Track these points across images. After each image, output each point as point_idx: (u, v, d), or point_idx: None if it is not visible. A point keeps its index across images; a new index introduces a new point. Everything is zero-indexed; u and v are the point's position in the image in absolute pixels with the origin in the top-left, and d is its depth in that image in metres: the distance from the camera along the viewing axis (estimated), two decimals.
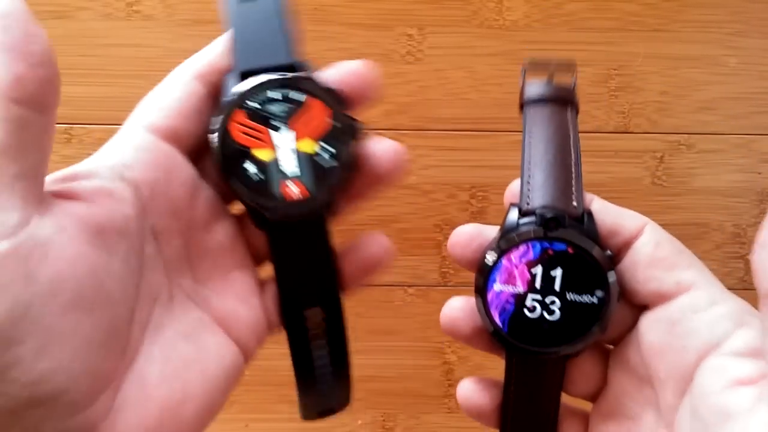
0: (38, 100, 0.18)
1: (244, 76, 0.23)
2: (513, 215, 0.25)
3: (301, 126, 0.23)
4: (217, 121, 0.23)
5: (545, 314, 0.24)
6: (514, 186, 0.26)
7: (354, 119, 0.24)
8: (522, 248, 0.24)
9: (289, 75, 0.24)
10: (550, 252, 0.24)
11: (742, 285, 0.63)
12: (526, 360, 0.25)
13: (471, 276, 0.25)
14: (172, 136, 0.23)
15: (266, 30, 0.24)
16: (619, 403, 0.25)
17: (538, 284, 0.24)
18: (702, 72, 0.63)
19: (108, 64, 0.62)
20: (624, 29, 0.63)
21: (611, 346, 0.26)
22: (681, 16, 0.63)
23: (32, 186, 0.19)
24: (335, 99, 0.24)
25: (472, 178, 0.62)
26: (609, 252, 0.24)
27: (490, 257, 0.25)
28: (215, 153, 0.23)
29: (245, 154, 0.23)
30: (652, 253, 0.24)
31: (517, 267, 0.24)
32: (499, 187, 0.63)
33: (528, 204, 0.25)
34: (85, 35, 0.62)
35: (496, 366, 0.26)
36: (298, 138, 0.23)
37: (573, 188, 0.25)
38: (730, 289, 0.24)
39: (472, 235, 0.26)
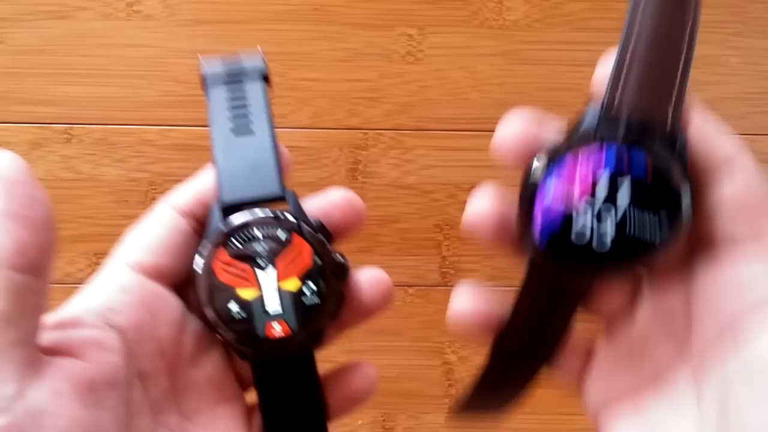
0: (39, 265, 0.19)
1: (229, 208, 0.24)
2: (593, 115, 0.21)
3: (285, 264, 0.23)
4: (200, 261, 0.23)
5: (595, 239, 0.21)
6: (603, 74, 0.22)
7: (338, 256, 0.24)
8: (594, 149, 0.21)
9: (273, 213, 0.23)
10: (625, 161, 0.20)
11: None
12: (555, 271, 0.22)
13: (472, 276, 0.25)
14: (157, 274, 0.23)
15: (255, 162, 0.24)
16: (641, 335, 0.23)
17: (599, 192, 0.21)
18: (702, 72, 0.63)
19: (108, 64, 0.62)
20: None
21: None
22: None
23: (28, 351, 0.19)
24: (319, 236, 0.24)
25: (472, 178, 0.62)
26: (689, 183, 0.21)
27: (550, 153, 0.21)
28: (199, 293, 0.23)
29: (229, 293, 0.23)
30: (737, 198, 0.21)
31: (581, 168, 0.21)
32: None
33: (615, 107, 0.21)
34: (85, 35, 0.62)
35: None
36: (281, 276, 0.23)
37: (673, 95, 0.21)
38: None
39: (531, 121, 0.23)
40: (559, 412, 0.57)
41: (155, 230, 0.24)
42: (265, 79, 0.27)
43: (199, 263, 0.23)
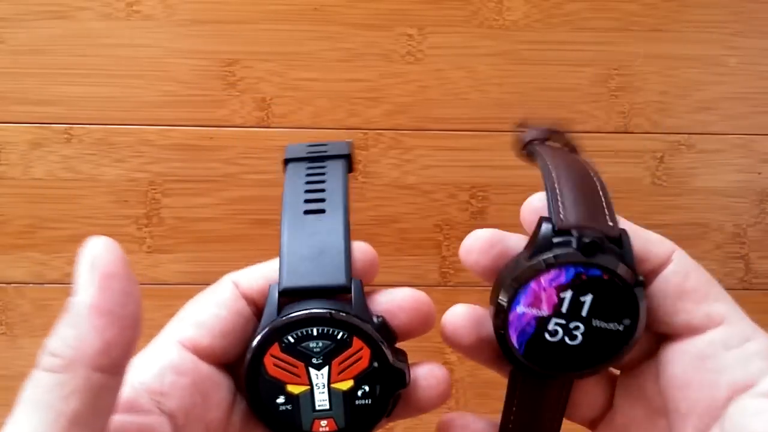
0: (121, 365, 0.18)
1: (288, 292, 0.22)
2: (546, 230, 0.23)
3: (340, 365, 0.22)
4: (251, 351, 0.22)
5: (566, 339, 0.23)
6: (535, 201, 0.24)
7: (398, 361, 0.23)
8: (554, 271, 0.23)
9: (333, 311, 0.22)
10: (584, 277, 0.23)
11: (742, 285, 0.63)
12: (533, 382, 0.24)
13: (472, 276, 0.25)
14: (211, 356, 0.22)
15: (323, 246, 0.23)
16: (624, 429, 0.24)
17: (564, 309, 0.23)
18: (702, 72, 0.63)
19: (108, 64, 0.62)
20: (624, 29, 0.63)
21: (617, 372, 0.25)
22: (681, 16, 0.63)
23: None
24: (380, 338, 0.23)
25: (472, 178, 0.62)
26: (642, 279, 0.23)
27: (516, 281, 0.23)
28: (247, 385, 0.22)
29: (277, 387, 0.22)
30: (681, 283, 0.23)
31: (545, 290, 0.23)
32: (499, 187, 0.63)
33: (562, 220, 0.23)
34: (84, 35, 0.62)
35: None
36: (334, 376, 0.22)
37: (605, 207, 0.24)
38: (729, 289, 0.24)
39: (492, 241, 0.24)
40: None
41: (214, 309, 0.23)
42: (349, 161, 0.26)
43: (249, 354, 0.22)
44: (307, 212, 0.24)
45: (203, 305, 0.23)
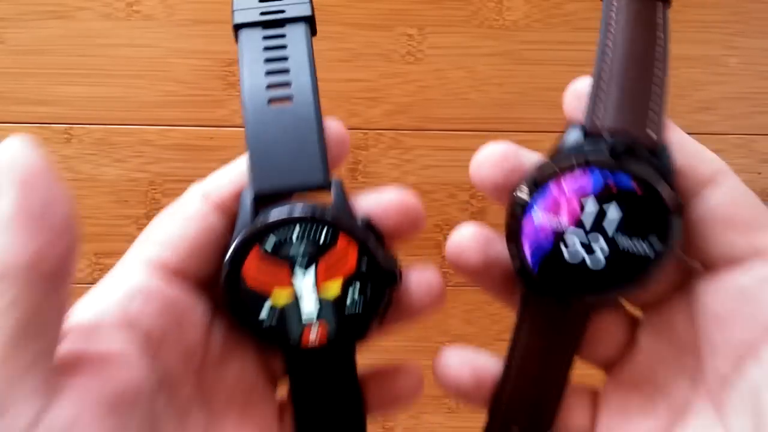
0: (59, 273, 0.16)
1: (264, 198, 0.20)
2: (574, 132, 0.21)
3: (326, 267, 0.20)
4: (229, 261, 0.20)
5: (586, 258, 0.20)
6: (580, 86, 0.22)
7: (386, 261, 0.21)
8: (578, 174, 0.20)
9: (315, 209, 0.20)
10: (612, 186, 0.20)
11: None
12: (547, 306, 0.21)
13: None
14: (182, 275, 0.21)
15: (295, 140, 0.21)
16: (650, 370, 0.22)
17: (587, 221, 0.20)
18: (702, 72, 0.63)
19: (108, 64, 0.62)
20: None
21: (639, 313, 0.23)
22: (681, 16, 0.63)
23: (46, 370, 0.17)
24: (368, 237, 0.20)
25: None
26: (680, 200, 0.20)
27: (534, 178, 0.20)
28: (226, 297, 0.20)
29: (260, 297, 0.20)
30: (727, 210, 0.21)
31: (566, 195, 0.20)
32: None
33: (595, 123, 0.20)
34: (85, 35, 0.62)
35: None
36: (320, 279, 0.20)
37: (652, 112, 0.21)
38: None
39: (506, 154, 0.21)
40: None
41: (182, 225, 0.21)
42: (312, 23, 0.22)
43: (227, 263, 0.20)
44: (272, 100, 0.21)
45: (169, 221, 0.21)
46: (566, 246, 0.20)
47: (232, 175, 0.21)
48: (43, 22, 0.62)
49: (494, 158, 0.22)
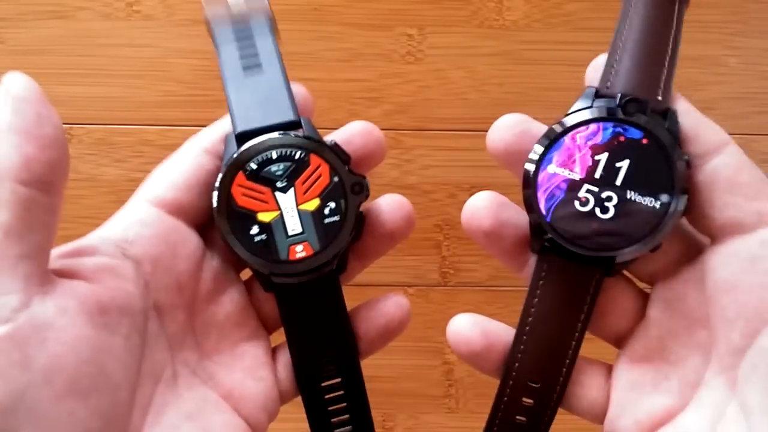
0: (46, 181, 0.18)
1: (244, 137, 0.23)
2: (587, 96, 0.22)
3: (303, 184, 0.23)
4: (217, 185, 0.23)
5: (597, 210, 0.21)
6: (594, 68, 0.23)
7: (356, 174, 0.23)
8: (591, 127, 0.21)
9: (290, 134, 0.23)
10: (622, 138, 0.21)
11: None
12: (562, 265, 0.22)
13: (472, 276, 0.24)
14: (177, 210, 0.23)
15: (268, 94, 0.24)
16: (659, 345, 0.22)
17: (598, 174, 0.21)
18: (702, 72, 0.63)
19: (108, 64, 0.62)
20: None
21: (649, 288, 0.24)
22: None
23: (36, 266, 0.19)
24: (337, 155, 0.23)
25: (472, 178, 0.62)
26: (686, 157, 0.21)
27: (550, 134, 0.22)
28: (217, 218, 0.23)
29: (248, 216, 0.23)
30: (732, 176, 0.21)
31: (580, 149, 0.21)
32: (499, 187, 0.63)
33: (608, 87, 0.22)
34: (85, 35, 0.62)
35: None
36: (300, 197, 0.23)
37: (661, 81, 0.22)
38: None
39: (517, 120, 0.23)
40: None
41: (179, 167, 0.23)
42: (271, 19, 0.26)
43: (217, 188, 0.23)
44: (245, 69, 0.24)
45: (168, 166, 0.24)
46: (578, 196, 0.21)
47: (221, 125, 0.24)
48: (43, 22, 0.62)
49: (507, 123, 0.23)
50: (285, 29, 0.26)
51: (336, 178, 0.23)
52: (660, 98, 0.22)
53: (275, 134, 0.23)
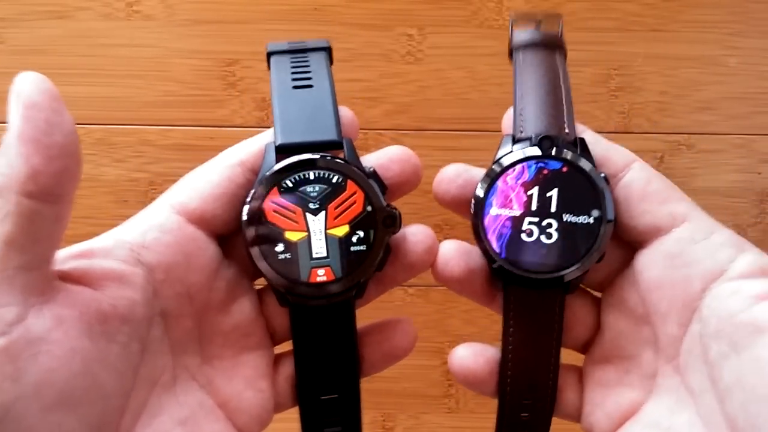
0: (53, 192, 0.18)
1: (283, 150, 0.23)
2: (507, 143, 0.25)
3: (335, 209, 0.23)
4: (251, 198, 0.23)
5: (542, 238, 0.24)
6: (507, 118, 0.26)
7: (389, 206, 0.24)
8: (518, 169, 0.24)
9: (329, 156, 0.23)
10: (545, 171, 0.24)
11: None
12: (526, 294, 0.24)
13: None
14: (199, 219, 0.23)
15: (314, 110, 0.24)
16: (614, 345, 0.25)
17: (534, 206, 0.24)
18: (702, 72, 0.63)
19: (108, 64, 0.62)
20: (624, 29, 0.63)
21: (599, 294, 0.26)
22: (681, 16, 0.63)
23: (36, 276, 0.18)
24: (373, 183, 0.23)
25: None
26: (603, 174, 0.24)
27: (485, 182, 0.25)
28: (245, 231, 0.23)
29: (276, 233, 0.23)
30: (643, 187, 0.24)
31: (513, 189, 0.24)
32: None
33: (521, 132, 0.25)
34: (85, 35, 0.62)
35: None
36: (330, 221, 0.23)
37: (564, 118, 0.25)
38: None
39: (458, 171, 0.26)
40: None
41: (208, 176, 0.23)
42: (329, 53, 0.26)
43: (249, 201, 0.23)
44: (295, 87, 0.24)
45: (199, 173, 0.24)
46: (523, 229, 0.24)
47: (258, 140, 0.24)
48: (43, 22, 0.62)
49: (449, 177, 0.26)
50: (285, 29, 0.26)
51: (369, 208, 0.23)
52: (567, 132, 0.25)
53: (316, 155, 0.23)
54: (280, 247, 0.23)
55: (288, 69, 0.25)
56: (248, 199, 0.23)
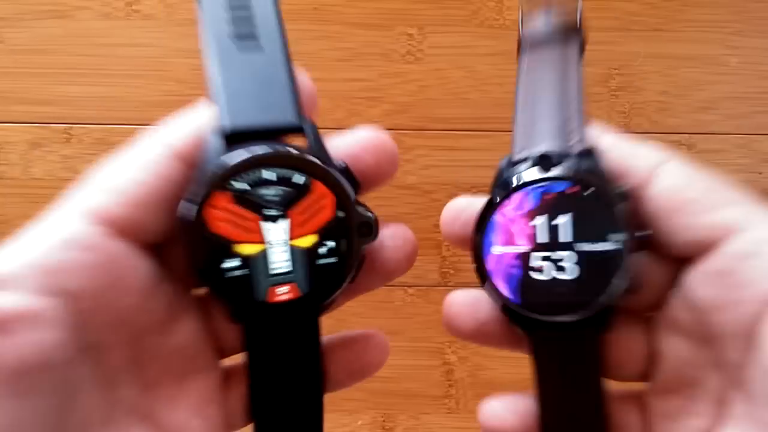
0: None
1: (232, 137, 0.19)
2: (501, 164, 0.21)
3: (299, 215, 0.19)
4: (189, 205, 0.18)
5: (557, 273, 0.20)
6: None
7: (364, 209, 0.19)
8: (516, 198, 0.20)
9: (290, 149, 0.19)
10: (550, 196, 0.20)
11: None
12: (555, 338, 0.21)
13: (472, 276, 0.24)
14: (128, 230, 0.18)
15: (265, 81, 0.19)
16: (675, 372, 0.22)
17: (541, 239, 0.20)
18: (702, 72, 0.63)
19: (108, 64, 0.62)
20: (624, 29, 0.63)
21: (652, 315, 0.23)
22: (681, 16, 0.63)
23: None
24: (344, 183, 0.19)
25: (472, 178, 0.62)
26: (621, 188, 0.20)
27: (479, 218, 0.21)
28: (185, 246, 0.18)
29: (224, 247, 0.18)
30: (672, 197, 0.20)
31: (513, 222, 0.20)
32: None
33: (519, 151, 0.21)
34: (85, 35, 0.62)
35: (496, 366, 0.26)
36: (294, 230, 0.19)
37: (572, 125, 0.21)
38: None
39: (459, 208, 0.22)
40: None
41: (135, 173, 0.18)
42: None
43: (187, 207, 0.18)
44: (237, 45, 0.19)
45: (120, 167, 0.19)
46: (535, 267, 0.20)
47: (190, 121, 0.19)
48: (43, 22, 0.62)
49: (452, 214, 0.22)
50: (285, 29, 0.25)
51: (341, 213, 0.19)
52: (574, 143, 0.21)
53: (273, 144, 0.19)
54: (229, 263, 0.18)
55: (225, 16, 0.20)
56: (186, 204, 0.18)
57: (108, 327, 0.18)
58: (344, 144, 0.20)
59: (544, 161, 0.20)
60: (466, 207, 0.22)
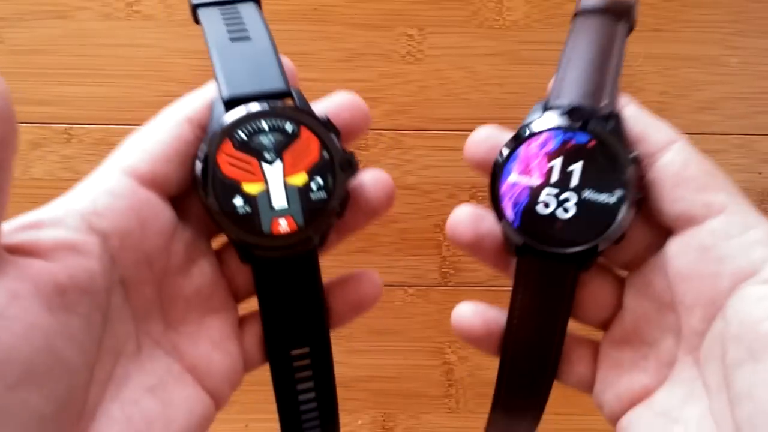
0: None
1: (232, 103, 0.23)
2: (537, 109, 0.24)
3: (291, 158, 0.22)
4: (203, 153, 0.22)
5: (559, 211, 0.23)
6: (551, 83, 0.25)
7: (345, 151, 0.23)
8: (543, 137, 0.23)
9: (280, 104, 0.23)
10: (571, 143, 0.23)
11: None
12: (538, 264, 0.24)
13: (472, 276, 0.25)
14: (151, 182, 0.22)
15: (256, 62, 0.23)
16: (635, 328, 0.24)
17: (554, 178, 0.23)
18: (702, 72, 0.63)
19: (108, 64, 0.62)
20: None
21: (625, 273, 0.25)
22: (681, 16, 0.63)
23: None
24: (327, 130, 0.23)
25: (472, 178, 0.62)
26: (634, 153, 0.23)
27: (508, 146, 0.24)
28: (201, 187, 0.22)
29: (233, 187, 0.22)
30: (679, 171, 0.23)
31: (535, 157, 0.23)
32: None
33: (555, 100, 0.24)
34: (85, 35, 0.62)
35: (496, 366, 0.26)
36: (288, 170, 0.22)
37: (605, 89, 0.24)
38: None
39: (488, 134, 0.25)
40: (556, 413, 0.57)
41: (156, 135, 0.22)
42: (258, 3, 0.26)
43: (202, 157, 0.22)
44: (233, 40, 0.24)
45: (145, 134, 0.23)
46: (540, 200, 0.23)
47: (203, 94, 0.24)
48: (43, 22, 0.62)
49: (479, 139, 0.25)
50: (285, 29, 0.26)
51: (326, 154, 0.23)
52: (603, 104, 0.23)
53: (266, 103, 0.22)
54: (238, 201, 0.22)
55: (220, 22, 0.24)
56: (201, 155, 0.22)
57: (137, 265, 0.21)
58: (325, 104, 0.24)
59: (574, 113, 0.23)
60: (493, 134, 0.25)
